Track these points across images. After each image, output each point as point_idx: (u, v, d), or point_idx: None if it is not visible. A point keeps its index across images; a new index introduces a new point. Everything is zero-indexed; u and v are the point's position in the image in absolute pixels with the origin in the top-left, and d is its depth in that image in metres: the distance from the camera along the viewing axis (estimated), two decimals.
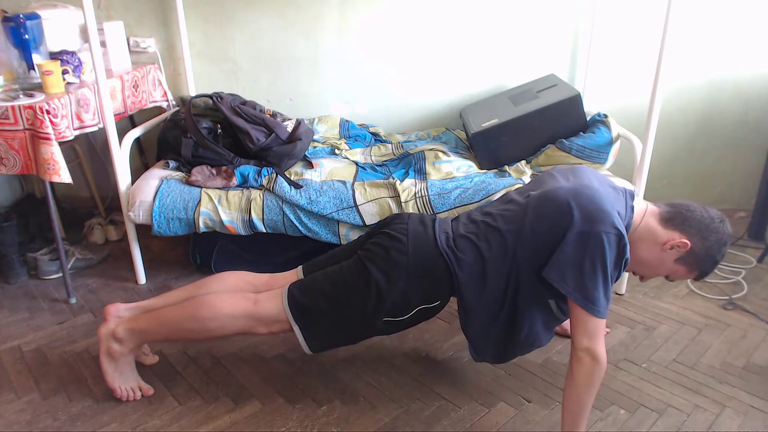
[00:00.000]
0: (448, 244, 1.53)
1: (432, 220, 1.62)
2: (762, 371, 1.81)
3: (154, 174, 2.22)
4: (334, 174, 2.25)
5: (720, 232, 1.42)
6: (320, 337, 1.58)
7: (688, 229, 1.43)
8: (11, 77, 2.15)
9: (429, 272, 1.52)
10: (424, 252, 1.52)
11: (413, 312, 1.55)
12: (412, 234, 1.55)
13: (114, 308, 1.70)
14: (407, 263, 1.51)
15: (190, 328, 1.58)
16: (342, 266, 1.58)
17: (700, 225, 1.43)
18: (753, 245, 2.64)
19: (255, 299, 1.58)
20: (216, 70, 2.80)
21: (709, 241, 1.42)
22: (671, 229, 1.45)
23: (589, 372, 1.35)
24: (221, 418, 1.60)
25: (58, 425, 1.57)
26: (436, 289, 1.54)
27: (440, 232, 1.56)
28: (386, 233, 1.58)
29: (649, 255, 1.47)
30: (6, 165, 1.93)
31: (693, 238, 1.42)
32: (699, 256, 1.43)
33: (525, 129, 2.27)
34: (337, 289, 1.54)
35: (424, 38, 2.75)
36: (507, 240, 1.47)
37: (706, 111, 2.81)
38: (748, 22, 2.64)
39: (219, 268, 2.35)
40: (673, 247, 1.43)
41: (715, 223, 1.43)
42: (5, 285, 2.30)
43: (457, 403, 1.66)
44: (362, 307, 1.52)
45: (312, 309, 1.54)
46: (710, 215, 1.44)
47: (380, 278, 1.50)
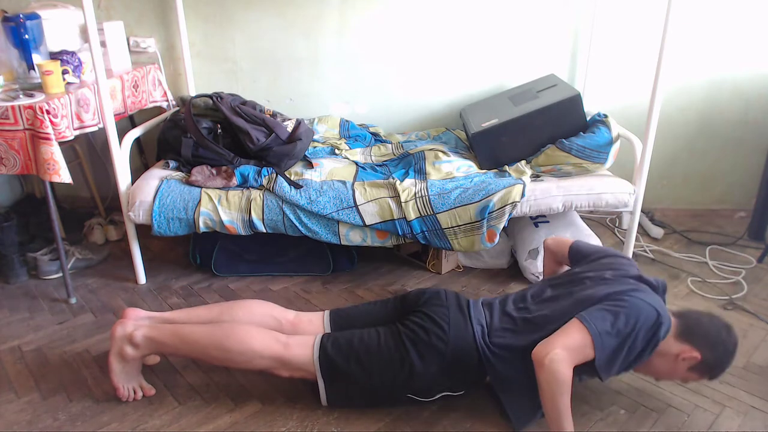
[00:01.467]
0: (484, 340, 1.57)
1: (467, 305, 1.65)
2: (762, 371, 1.81)
3: (154, 174, 2.22)
4: (334, 174, 2.24)
5: (727, 343, 1.51)
6: (342, 395, 1.60)
7: (698, 342, 1.51)
8: (11, 77, 2.15)
9: (463, 364, 1.56)
10: (462, 344, 1.56)
11: (437, 397, 1.61)
12: (453, 323, 1.58)
13: (134, 313, 1.71)
14: (445, 352, 1.54)
15: (215, 356, 1.59)
16: (380, 335, 1.59)
17: (708, 338, 1.51)
18: (753, 245, 2.64)
19: (286, 343, 1.58)
20: (216, 70, 2.80)
21: (717, 352, 1.51)
22: (683, 342, 1.51)
23: (547, 381, 1.37)
24: (221, 418, 1.60)
25: (58, 425, 1.57)
26: (465, 380, 1.60)
27: (476, 324, 1.60)
28: (428, 315, 1.60)
29: (662, 364, 1.54)
30: (6, 165, 1.93)
31: (703, 350, 1.50)
32: (709, 365, 1.52)
33: (525, 129, 2.27)
34: (372, 357, 1.56)
35: (424, 38, 2.75)
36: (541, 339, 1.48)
37: (706, 111, 2.81)
38: (748, 22, 2.64)
39: (219, 268, 2.35)
40: (685, 359, 1.51)
41: (722, 335, 1.51)
42: (5, 285, 2.30)
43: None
44: (391, 381, 1.56)
45: (342, 369, 1.56)
46: (717, 328, 1.52)
47: (416, 360, 1.54)
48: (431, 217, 2.10)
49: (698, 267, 2.46)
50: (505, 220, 2.09)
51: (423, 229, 2.11)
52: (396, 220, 2.10)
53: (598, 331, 1.39)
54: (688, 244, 2.67)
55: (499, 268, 2.43)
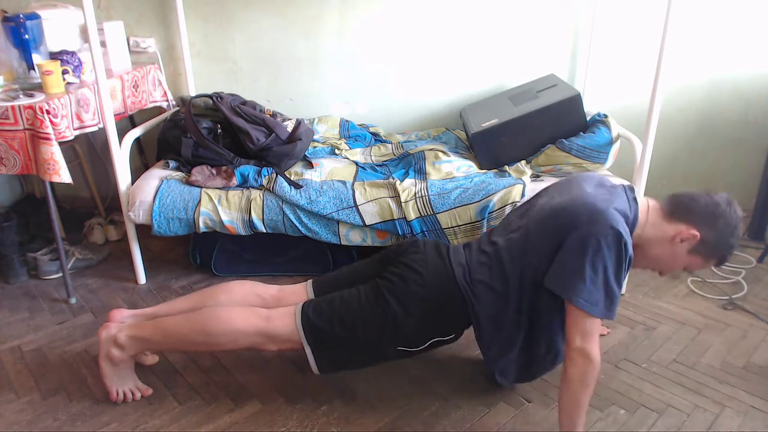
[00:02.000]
0: (464, 279, 1.55)
1: (446, 249, 1.64)
2: (762, 371, 1.81)
3: (154, 174, 2.22)
4: (334, 174, 2.25)
5: (727, 216, 1.39)
6: (331, 359, 1.58)
7: (694, 219, 1.40)
8: (11, 77, 2.15)
9: (446, 306, 1.54)
10: (443, 286, 1.54)
11: (427, 344, 1.58)
12: (431, 266, 1.56)
13: (118, 314, 1.70)
14: (425, 296, 1.52)
15: (199, 341, 1.57)
16: (360, 292, 1.58)
17: (706, 212, 1.40)
18: (753, 245, 2.64)
19: (267, 316, 1.57)
20: (216, 70, 2.80)
21: (718, 228, 1.39)
22: (676, 221, 1.42)
23: (582, 372, 1.35)
24: (221, 418, 1.60)
25: (58, 425, 1.57)
26: (453, 323, 1.57)
27: (456, 265, 1.58)
28: (405, 264, 1.58)
29: (661, 251, 1.46)
30: (6, 165, 1.93)
31: (701, 227, 1.39)
32: (711, 243, 1.40)
33: (525, 129, 2.27)
34: (354, 315, 1.54)
35: (424, 38, 2.75)
36: (517, 267, 1.48)
37: (706, 111, 2.81)
38: (748, 22, 2.64)
39: (219, 268, 2.35)
40: (683, 240, 1.41)
41: (720, 207, 1.39)
42: (5, 285, 2.30)
43: (457, 403, 1.66)
44: (377, 335, 1.53)
45: (326, 332, 1.54)
46: (715, 201, 1.41)
47: (398, 309, 1.51)
48: (431, 217, 2.10)
49: None
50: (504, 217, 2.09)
51: (423, 229, 2.11)
52: (396, 220, 2.10)
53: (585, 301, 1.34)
54: None
55: None
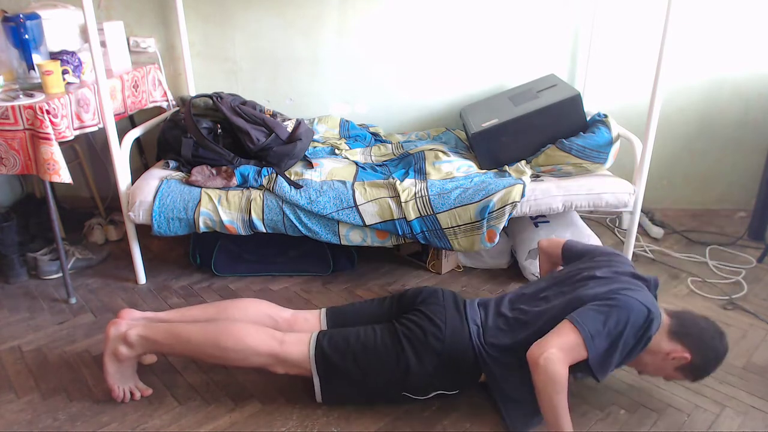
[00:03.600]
0: (479, 339, 1.57)
1: (463, 305, 1.66)
2: (762, 371, 1.81)
3: (154, 174, 2.22)
4: (334, 174, 2.25)
5: (717, 350, 1.53)
6: (337, 391, 1.61)
7: (691, 343, 1.52)
8: (11, 77, 2.15)
9: (459, 364, 1.56)
10: (458, 344, 1.56)
11: (431, 395, 1.61)
12: (449, 322, 1.58)
13: (129, 313, 1.71)
14: (441, 351, 1.55)
15: (210, 353, 1.59)
16: (376, 333, 1.59)
17: (702, 341, 1.52)
18: (753, 245, 2.64)
19: (281, 339, 1.58)
20: (216, 70, 2.80)
21: (707, 357, 1.52)
22: (675, 341, 1.53)
23: (541, 380, 1.37)
24: (221, 418, 1.60)
25: (58, 425, 1.57)
26: (460, 380, 1.61)
27: (472, 324, 1.60)
28: (425, 314, 1.60)
29: (651, 361, 1.56)
30: (6, 165, 1.93)
31: (694, 352, 1.51)
32: (696, 367, 1.53)
33: (525, 129, 2.27)
34: (368, 355, 1.56)
35: (424, 38, 2.75)
36: (536, 337, 1.48)
37: (706, 111, 2.81)
38: (748, 22, 2.64)
39: (219, 268, 2.35)
40: (675, 359, 1.52)
41: (714, 340, 1.52)
42: (5, 285, 2.30)
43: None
44: (386, 378, 1.56)
45: (337, 366, 1.56)
46: (711, 333, 1.53)
47: (412, 358, 1.54)
48: (431, 217, 2.10)
49: (698, 267, 2.46)
50: (505, 220, 2.09)
51: (423, 229, 2.11)
52: (396, 220, 2.10)
53: (589, 333, 1.39)
54: (688, 244, 2.67)
55: (499, 268, 2.43)
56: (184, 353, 1.67)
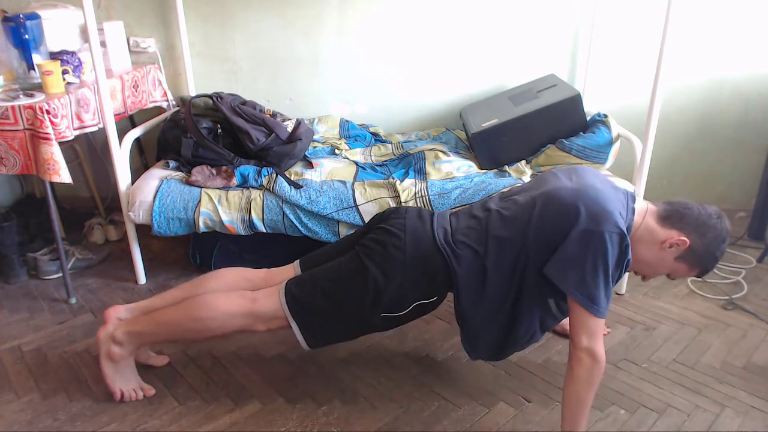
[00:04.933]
0: (446, 240, 1.53)
1: (430, 215, 1.63)
2: (762, 371, 1.81)
3: (154, 174, 2.22)
4: (334, 174, 2.25)
5: (718, 229, 1.43)
6: (318, 332, 1.58)
7: (686, 226, 1.44)
8: (11, 77, 2.15)
9: (426, 268, 1.51)
10: (422, 248, 1.52)
11: (410, 307, 1.55)
12: (410, 229, 1.55)
13: (113, 311, 1.70)
14: (404, 259, 1.50)
15: (190, 328, 1.58)
16: (340, 262, 1.58)
17: (698, 222, 1.44)
18: (753, 245, 2.64)
19: (253, 297, 1.58)
20: (216, 70, 2.80)
21: (707, 238, 1.43)
22: (669, 227, 1.46)
23: (588, 371, 1.35)
24: (221, 418, 1.60)
25: (58, 425, 1.57)
26: (434, 285, 1.54)
27: (438, 228, 1.56)
28: (384, 228, 1.58)
29: (648, 254, 1.48)
30: (6, 165, 1.93)
31: (691, 235, 1.43)
32: (698, 253, 1.44)
33: (525, 129, 2.27)
34: (335, 284, 1.54)
35: (424, 38, 2.75)
36: (509, 239, 1.47)
37: (706, 111, 2.81)
38: (748, 22, 2.64)
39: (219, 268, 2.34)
40: (672, 246, 1.44)
41: (712, 219, 1.44)
42: (5, 285, 2.30)
43: (457, 403, 1.66)
44: (360, 303, 1.52)
45: (310, 305, 1.54)
46: (707, 212, 1.45)
47: (377, 274, 1.50)
48: None
49: None
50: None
51: None
52: None
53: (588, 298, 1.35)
54: None
55: None
56: (169, 337, 1.67)
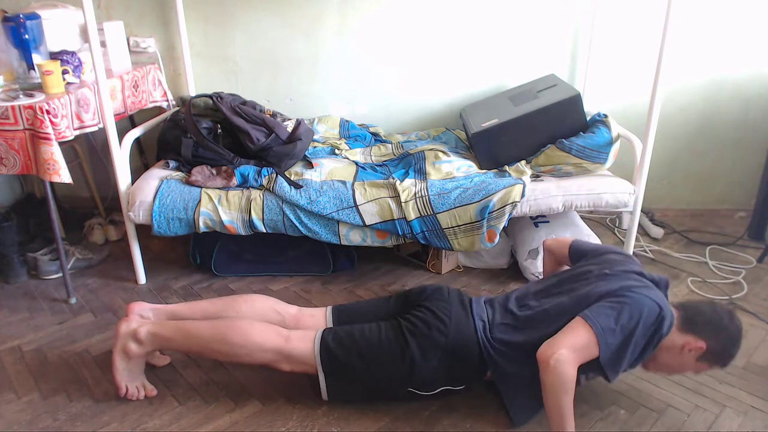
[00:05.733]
0: (485, 334, 1.57)
1: (469, 302, 1.66)
2: (762, 371, 1.81)
3: (154, 174, 2.22)
4: (334, 174, 2.25)
5: (730, 329, 1.50)
6: (342, 389, 1.61)
7: (700, 332, 1.50)
8: (11, 77, 2.15)
9: (464, 358, 1.56)
10: (463, 338, 1.56)
11: (437, 390, 1.60)
12: (454, 317, 1.58)
13: (138, 307, 1.71)
14: (446, 345, 1.55)
15: (218, 350, 1.59)
16: (381, 328, 1.59)
17: (711, 325, 1.50)
18: (753, 245, 2.64)
19: (287, 336, 1.59)
20: (216, 70, 2.80)
21: (722, 339, 1.50)
22: (686, 332, 1.51)
23: (549, 381, 1.37)
24: (221, 418, 1.60)
25: (58, 425, 1.57)
26: (466, 375, 1.60)
27: (478, 319, 1.60)
28: (429, 309, 1.60)
29: (671, 359, 1.54)
30: (6, 165, 1.93)
31: (707, 339, 1.49)
32: (715, 353, 1.51)
33: (525, 129, 2.27)
34: (373, 350, 1.56)
35: (424, 38, 2.75)
36: (544, 336, 1.48)
37: (706, 111, 2.81)
38: (748, 22, 2.64)
39: (219, 268, 2.35)
40: (691, 350, 1.50)
41: (724, 321, 1.50)
42: (5, 285, 2.30)
43: (457, 403, 1.66)
44: (392, 374, 1.56)
45: (343, 363, 1.56)
46: (719, 315, 1.52)
47: (417, 353, 1.54)
48: (431, 217, 2.10)
49: (698, 267, 2.46)
50: (505, 220, 2.09)
51: (423, 229, 2.11)
52: (396, 220, 2.10)
53: (601, 329, 1.39)
54: (688, 244, 2.67)
55: (499, 268, 2.43)
56: (191, 350, 1.68)
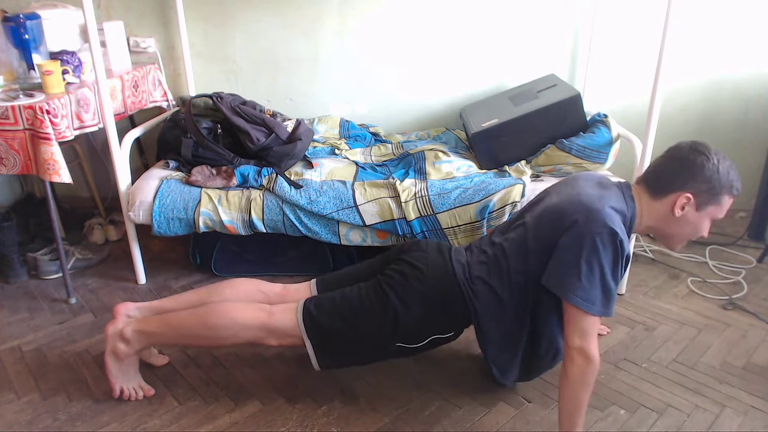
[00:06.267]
0: (464, 276, 1.56)
1: (448, 249, 1.65)
2: (762, 371, 1.81)
3: (154, 174, 2.22)
4: (334, 174, 2.25)
5: (700, 159, 1.37)
6: (332, 355, 1.60)
7: (675, 185, 1.40)
8: (11, 77, 2.15)
9: (446, 302, 1.55)
10: (443, 282, 1.55)
11: (426, 341, 1.58)
12: (431, 263, 1.58)
13: (124, 307, 1.71)
14: (425, 292, 1.54)
15: (202, 335, 1.59)
16: (360, 288, 1.59)
17: (678, 172, 1.39)
18: (753, 245, 2.64)
19: (269, 311, 1.58)
20: (216, 70, 2.80)
21: (701, 176, 1.38)
22: (664, 195, 1.42)
23: (581, 371, 1.36)
24: (221, 418, 1.60)
25: (58, 425, 1.57)
26: (452, 320, 1.58)
27: (456, 263, 1.59)
28: (406, 261, 1.60)
29: (675, 228, 1.45)
30: (6, 165, 1.93)
31: (685, 187, 1.39)
32: (708, 190, 1.38)
33: (525, 129, 2.27)
34: (354, 310, 1.55)
35: (424, 38, 2.75)
36: (516, 265, 1.50)
37: (706, 111, 2.81)
38: (748, 22, 2.64)
39: (219, 268, 2.35)
40: (683, 207, 1.41)
41: (688, 157, 1.38)
42: (5, 285, 2.30)
43: (457, 403, 1.66)
44: (377, 331, 1.55)
45: (327, 327, 1.55)
46: (677, 157, 1.40)
47: (398, 304, 1.53)
48: (431, 217, 2.10)
49: (698, 267, 2.46)
50: (505, 220, 2.09)
51: (423, 229, 2.11)
52: (396, 220, 2.10)
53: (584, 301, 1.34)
54: (688, 244, 2.66)
55: None
56: (179, 341, 1.67)
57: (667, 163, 1.43)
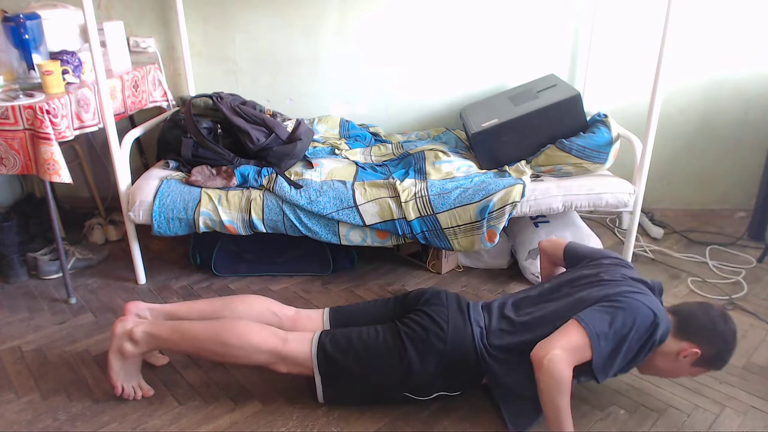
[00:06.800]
0: (482, 341, 1.57)
1: (467, 306, 1.66)
2: (762, 371, 1.81)
3: (154, 174, 2.22)
4: (334, 174, 2.25)
5: (725, 333, 1.51)
6: (338, 391, 1.61)
7: (695, 337, 1.50)
8: (11, 77, 2.15)
9: (461, 364, 1.56)
10: (461, 344, 1.56)
11: (433, 396, 1.60)
12: (452, 323, 1.58)
13: (135, 306, 1.71)
14: (443, 351, 1.55)
15: (214, 350, 1.59)
16: (378, 332, 1.59)
17: (705, 331, 1.51)
18: (753, 245, 2.64)
19: (284, 338, 1.59)
20: (216, 70, 2.80)
21: (716, 344, 1.51)
22: (680, 339, 1.51)
23: (544, 381, 1.37)
24: (221, 418, 1.60)
25: (58, 425, 1.57)
26: (463, 381, 1.60)
27: (475, 326, 1.60)
28: (427, 313, 1.60)
29: (666, 364, 1.55)
30: (6, 165, 1.93)
31: (701, 345, 1.50)
32: (712, 357, 1.52)
33: (525, 129, 2.27)
34: (370, 354, 1.56)
35: (424, 38, 2.75)
36: (544, 336, 1.47)
37: (706, 111, 2.81)
38: (748, 22, 2.64)
39: (219, 268, 2.35)
40: (687, 356, 1.51)
41: (719, 326, 1.51)
42: (5, 285, 2.30)
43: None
44: (389, 378, 1.56)
45: (339, 365, 1.56)
46: (712, 319, 1.51)
47: (414, 357, 1.54)
48: (431, 217, 2.10)
49: (698, 267, 2.46)
50: (505, 220, 2.09)
51: (423, 229, 2.11)
52: (396, 220, 2.10)
53: (595, 333, 1.39)
54: (688, 244, 2.67)
55: (499, 268, 2.43)
56: (188, 350, 1.67)
57: (700, 317, 1.53)
